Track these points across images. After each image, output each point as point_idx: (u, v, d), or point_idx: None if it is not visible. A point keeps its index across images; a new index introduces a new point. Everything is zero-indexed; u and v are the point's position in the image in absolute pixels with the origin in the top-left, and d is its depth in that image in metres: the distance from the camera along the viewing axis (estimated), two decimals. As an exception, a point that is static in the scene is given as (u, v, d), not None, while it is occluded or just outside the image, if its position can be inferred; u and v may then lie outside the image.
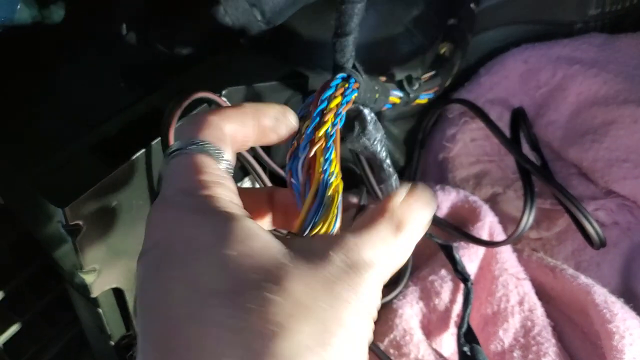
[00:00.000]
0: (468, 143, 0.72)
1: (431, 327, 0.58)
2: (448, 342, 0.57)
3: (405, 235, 0.30)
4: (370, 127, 0.41)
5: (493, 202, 0.69)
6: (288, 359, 0.23)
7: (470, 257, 0.60)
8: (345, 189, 0.67)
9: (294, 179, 0.34)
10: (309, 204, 0.33)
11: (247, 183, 0.56)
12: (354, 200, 0.68)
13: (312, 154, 0.34)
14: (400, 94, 0.58)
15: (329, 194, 0.33)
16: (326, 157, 0.34)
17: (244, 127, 0.33)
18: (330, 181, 0.34)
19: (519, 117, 0.68)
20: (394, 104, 0.58)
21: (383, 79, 0.58)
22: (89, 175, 0.43)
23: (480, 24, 0.71)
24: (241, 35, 0.57)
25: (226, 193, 0.29)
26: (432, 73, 0.63)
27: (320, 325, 0.24)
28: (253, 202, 0.35)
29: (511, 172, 0.70)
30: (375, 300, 0.28)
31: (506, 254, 0.61)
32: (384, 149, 0.43)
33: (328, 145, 0.34)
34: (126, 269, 0.48)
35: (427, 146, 0.76)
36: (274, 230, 0.38)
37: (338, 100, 0.37)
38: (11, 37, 0.48)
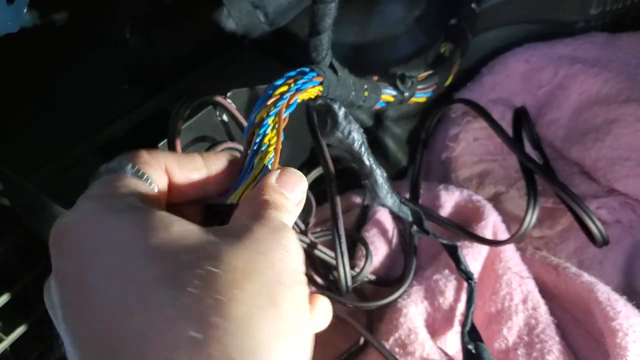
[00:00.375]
0: (471, 142, 0.73)
1: (436, 325, 0.58)
2: (453, 340, 0.58)
3: (291, 195, 0.33)
4: (341, 120, 0.42)
5: (496, 201, 0.69)
6: (242, 321, 0.24)
7: (474, 256, 0.61)
8: (347, 189, 0.68)
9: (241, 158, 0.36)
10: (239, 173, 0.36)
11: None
12: (357, 200, 0.68)
13: (249, 134, 0.36)
14: (393, 92, 0.58)
15: (256, 161, 0.36)
16: (260, 132, 0.36)
17: (182, 166, 0.35)
18: (262, 150, 0.36)
19: (521, 117, 0.68)
20: (388, 103, 0.58)
21: (375, 78, 0.58)
22: (96, 178, 0.43)
23: (482, 24, 0.72)
24: (245, 37, 0.57)
25: (140, 195, 0.30)
26: (430, 72, 0.64)
27: (265, 285, 0.26)
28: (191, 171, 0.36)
29: (514, 171, 0.71)
30: (300, 251, 0.30)
31: (510, 252, 0.61)
32: (362, 143, 0.43)
33: (264, 123, 0.36)
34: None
35: (430, 146, 0.76)
36: None
37: (284, 88, 0.38)
38: (14, 39, 0.48)
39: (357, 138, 0.44)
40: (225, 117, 0.50)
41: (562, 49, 0.76)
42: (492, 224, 0.63)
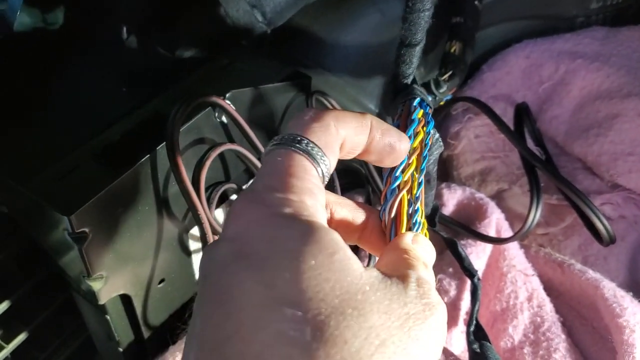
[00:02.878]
0: (472, 140, 0.72)
1: (440, 325, 0.58)
2: (458, 340, 0.57)
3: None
4: (434, 147, 0.40)
5: (499, 198, 0.69)
6: None
7: (478, 255, 0.60)
8: (350, 189, 0.68)
9: (380, 216, 0.34)
10: None
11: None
12: (359, 199, 0.67)
13: (397, 201, 0.33)
14: (429, 97, 0.58)
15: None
16: (414, 208, 0.34)
17: (357, 137, 0.31)
18: (418, 230, 0.33)
19: (522, 113, 0.68)
20: None
21: None
22: (94, 182, 0.42)
23: (482, 20, 0.71)
24: (243, 37, 0.56)
25: (314, 203, 0.28)
26: (450, 73, 0.63)
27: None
28: (349, 214, 0.34)
29: (516, 167, 0.70)
30: (443, 337, 0.27)
31: (514, 250, 0.61)
32: (436, 165, 0.42)
33: (417, 195, 0.34)
34: (134, 274, 0.48)
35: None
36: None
37: (421, 136, 0.36)
38: (12, 42, 0.48)
39: (435, 162, 0.43)
40: (224, 119, 0.49)
41: (563, 44, 0.75)
42: (495, 222, 0.62)
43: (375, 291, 0.25)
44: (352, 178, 0.62)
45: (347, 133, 0.31)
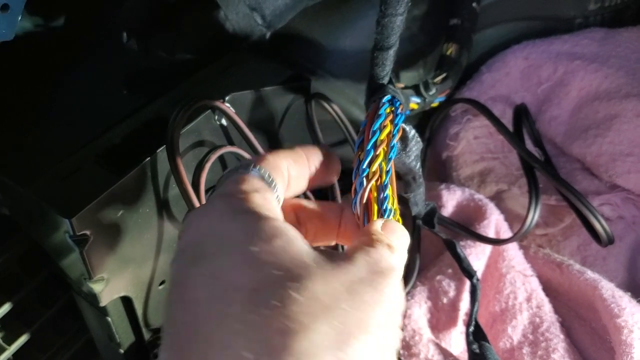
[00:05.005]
0: (471, 141, 0.72)
1: (440, 326, 0.58)
2: (457, 340, 0.57)
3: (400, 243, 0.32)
4: (412, 144, 0.41)
5: (498, 199, 0.69)
6: (305, 357, 0.23)
7: (477, 255, 0.60)
8: (349, 190, 0.68)
9: (353, 209, 0.35)
10: None
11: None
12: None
13: (367, 192, 0.34)
14: (417, 99, 0.58)
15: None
16: (383, 195, 0.34)
17: (297, 164, 0.35)
18: (389, 217, 0.34)
19: (521, 114, 0.68)
20: (412, 110, 0.58)
21: (401, 85, 0.57)
22: (95, 185, 0.43)
23: (480, 22, 0.71)
24: (242, 40, 0.57)
25: (261, 199, 0.30)
26: (444, 75, 0.63)
27: (340, 326, 0.24)
28: (322, 214, 0.37)
29: (515, 168, 0.70)
30: (400, 306, 0.28)
31: (513, 251, 0.61)
32: (418, 162, 0.42)
33: (385, 183, 0.35)
34: (134, 276, 0.48)
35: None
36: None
37: (388, 129, 0.37)
38: (11, 47, 0.48)
39: (418, 158, 0.43)
40: (224, 121, 0.50)
41: (561, 45, 0.76)
42: (494, 223, 0.63)
43: (320, 265, 0.27)
44: (351, 180, 0.62)
45: (286, 162, 0.34)
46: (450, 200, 0.66)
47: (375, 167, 0.35)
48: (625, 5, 0.78)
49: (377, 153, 0.36)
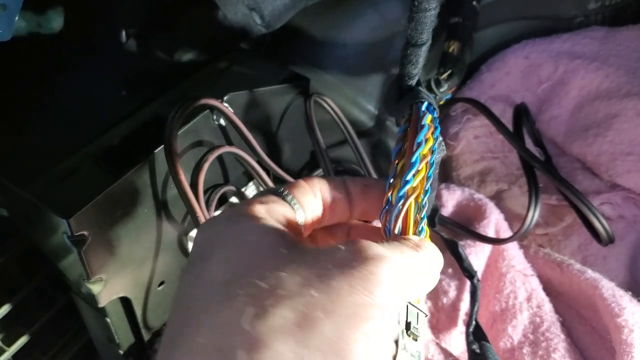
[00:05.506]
0: (471, 140, 0.72)
1: (440, 326, 0.58)
2: (457, 340, 0.57)
3: (424, 252, 0.31)
4: (437, 152, 0.40)
5: (498, 199, 0.69)
6: (265, 336, 0.24)
7: (477, 255, 0.60)
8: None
9: (388, 224, 0.33)
10: None
11: (251, 188, 0.55)
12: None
13: (406, 206, 0.33)
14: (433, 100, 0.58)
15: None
16: (421, 215, 0.33)
17: (334, 189, 0.35)
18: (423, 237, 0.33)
19: (521, 113, 0.68)
20: None
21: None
22: (93, 185, 0.43)
23: (480, 21, 0.71)
24: (241, 39, 0.56)
25: (264, 208, 0.31)
26: (449, 72, 0.63)
27: (304, 310, 0.24)
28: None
29: (515, 168, 0.70)
30: (390, 301, 0.26)
31: (513, 250, 0.61)
32: (438, 167, 0.41)
33: (424, 204, 0.33)
34: (133, 277, 0.48)
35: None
36: None
37: (430, 143, 0.35)
38: (10, 46, 0.48)
39: (439, 164, 0.43)
40: (222, 121, 0.50)
41: (561, 44, 0.75)
42: (494, 222, 0.62)
43: (296, 253, 0.27)
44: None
45: (320, 186, 0.34)
46: (450, 199, 0.65)
47: (417, 181, 0.33)
48: (626, 3, 0.78)
49: (420, 168, 0.34)
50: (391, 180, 0.34)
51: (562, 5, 0.77)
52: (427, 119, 0.36)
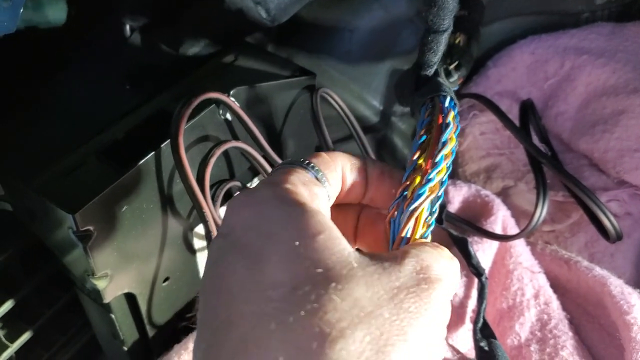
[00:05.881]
0: (477, 137, 0.72)
1: (447, 323, 0.57)
2: (464, 337, 0.57)
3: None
4: (454, 151, 0.39)
5: (505, 195, 0.68)
6: None
7: (484, 252, 0.60)
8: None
9: (398, 217, 0.32)
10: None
11: (256, 183, 0.55)
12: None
13: (423, 205, 0.32)
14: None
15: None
16: (431, 220, 0.33)
17: (354, 168, 0.34)
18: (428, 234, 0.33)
19: (527, 109, 0.67)
20: None
21: None
22: (99, 180, 0.42)
23: (486, 16, 0.71)
24: (246, 33, 0.56)
25: (308, 192, 0.29)
26: (456, 63, 0.63)
27: (379, 334, 0.23)
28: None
29: (522, 164, 0.70)
30: (445, 318, 0.27)
31: (520, 247, 0.60)
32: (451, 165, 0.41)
33: (434, 210, 0.33)
34: (138, 273, 0.47)
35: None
36: None
37: (453, 142, 0.34)
38: (14, 39, 0.48)
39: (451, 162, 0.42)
40: (228, 116, 0.49)
41: (568, 40, 0.75)
42: (501, 219, 0.62)
43: (364, 267, 0.25)
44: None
45: (343, 162, 0.33)
46: (457, 196, 0.65)
47: (437, 181, 0.33)
48: (632, -1, 0.77)
49: (441, 168, 0.33)
50: (408, 173, 0.33)
51: (569, 1, 0.76)
52: (451, 116, 0.35)
